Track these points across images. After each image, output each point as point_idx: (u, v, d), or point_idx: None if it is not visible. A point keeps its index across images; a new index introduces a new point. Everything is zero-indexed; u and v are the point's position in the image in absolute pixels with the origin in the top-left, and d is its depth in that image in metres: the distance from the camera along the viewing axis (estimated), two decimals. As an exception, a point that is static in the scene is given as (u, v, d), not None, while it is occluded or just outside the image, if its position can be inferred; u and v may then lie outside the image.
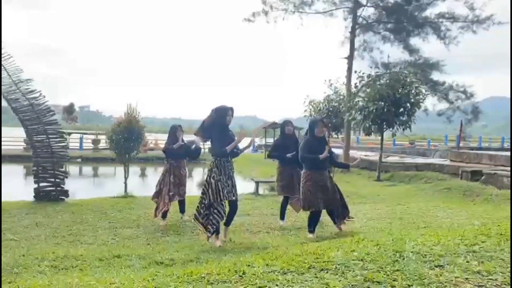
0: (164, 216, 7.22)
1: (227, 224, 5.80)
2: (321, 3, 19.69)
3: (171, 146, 7.36)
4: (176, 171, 7.40)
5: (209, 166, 5.62)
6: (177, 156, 7.38)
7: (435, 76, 19.29)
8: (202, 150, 8.12)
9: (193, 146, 7.06)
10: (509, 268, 2.59)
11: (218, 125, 5.44)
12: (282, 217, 7.18)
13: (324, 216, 6.40)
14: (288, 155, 6.78)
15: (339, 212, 6.21)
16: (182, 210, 7.61)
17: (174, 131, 7.45)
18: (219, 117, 5.44)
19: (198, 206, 5.60)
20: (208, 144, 6.45)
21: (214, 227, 5.49)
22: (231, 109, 5.51)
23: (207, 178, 5.60)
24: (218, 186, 5.41)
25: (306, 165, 5.99)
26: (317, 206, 5.90)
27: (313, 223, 6.02)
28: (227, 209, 5.67)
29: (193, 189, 12.55)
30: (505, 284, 2.41)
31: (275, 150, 7.26)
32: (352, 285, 2.36)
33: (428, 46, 19.22)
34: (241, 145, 5.77)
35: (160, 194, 7.31)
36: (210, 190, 5.45)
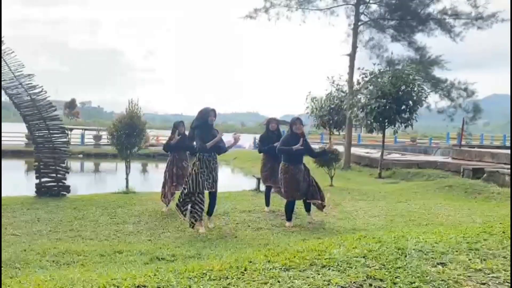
0: (167, 203, 7.86)
1: (209, 214, 6.53)
2: (323, 0, 19.60)
3: (169, 141, 8.01)
4: (179, 163, 7.97)
5: (194, 161, 6.34)
6: (179, 150, 7.94)
7: (437, 73, 19.24)
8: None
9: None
10: (510, 266, 2.58)
11: (201, 124, 6.19)
12: (267, 203, 7.95)
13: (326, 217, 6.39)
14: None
15: (311, 196, 6.77)
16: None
17: (176, 127, 7.98)
18: (202, 118, 6.21)
19: (179, 196, 6.35)
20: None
21: (197, 215, 6.17)
22: (213, 110, 6.28)
23: (190, 170, 6.38)
24: (198, 178, 6.12)
25: (283, 158, 6.69)
26: (295, 197, 6.64)
27: (289, 211, 6.73)
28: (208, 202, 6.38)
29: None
30: (507, 282, 2.40)
31: (263, 145, 7.91)
32: (354, 282, 2.36)
33: (431, 43, 19.15)
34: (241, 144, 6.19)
35: (166, 184, 7.95)
36: (190, 181, 6.16)
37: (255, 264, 2.68)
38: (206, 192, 6.31)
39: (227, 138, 7.25)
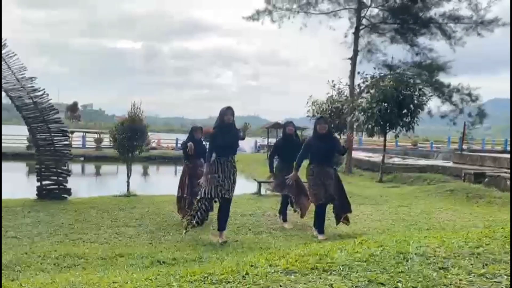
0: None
1: (220, 228, 5.94)
2: (325, 4, 19.61)
3: (183, 147, 7.33)
4: (193, 171, 7.20)
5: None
6: (193, 156, 7.20)
7: (440, 77, 19.25)
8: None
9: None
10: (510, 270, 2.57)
11: (218, 125, 5.80)
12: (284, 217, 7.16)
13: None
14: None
15: (339, 207, 6.26)
16: None
17: (193, 132, 7.39)
18: (219, 118, 5.81)
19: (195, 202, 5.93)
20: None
21: (199, 220, 5.79)
22: (230, 108, 5.81)
23: (204, 175, 5.87)
24: (210, 184, 5.69)
25: (310, 159, 6.21)
26: (320, 200, 6.03)
27: (319, 219, 6.14)
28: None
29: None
30: (509, 287, 2.39)
31: (277, 151, 7.30)
32: (356, 286, 2.35)
33: (434, 47, 19.12)
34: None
35: (181, 199, 7.27)
36: (203, 187, 5.74)
37: (257, 268, 2.68)
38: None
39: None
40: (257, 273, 2.57)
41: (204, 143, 7.47)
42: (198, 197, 5.82)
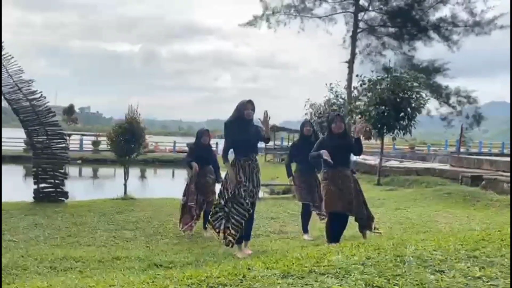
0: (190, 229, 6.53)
1: (245, 237, 5.27)
2: (322, 8, 19.70)
3: (189, 155, 6.80)
4: (201, 179, 6.60)
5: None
6: (201, 162, 6.57)
7: (437, 80, 19.34)
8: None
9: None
10: (510, 274, 2.58)
11: (237, 121, 5.06)
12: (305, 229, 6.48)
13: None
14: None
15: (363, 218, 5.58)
16: (205, 223, 6.44)
17: (200, 135, 6.70)
18: (238, 112, 5.05)
19: (212, 210, 5.25)
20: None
21: (234, 231, 4.97)
22: (250, 102, 5.08)
23: (224, 178, 5.28)
24: (234, 186, 4.99)
25: (323, 164, 5.32)
26: (337, 207, 5.19)
27: (330, 231, 5.31)
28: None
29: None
30: (506, 290, 2.40)
31: (293, 154, 6.73)
32: (353, 289, 2.35)
33: (430, 50, 19.26)
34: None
35: (185, 207, 6.59)
36: (224, 189, 5.09)
37: (254, 271, 2.67)
38: None
39: None
40: (254, 276, 2.57)
41: (213, 148, 6.97)
42: (220, 202, 5.11)
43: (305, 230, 6.46)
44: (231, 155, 5.17)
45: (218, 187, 5.81)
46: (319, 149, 5.17)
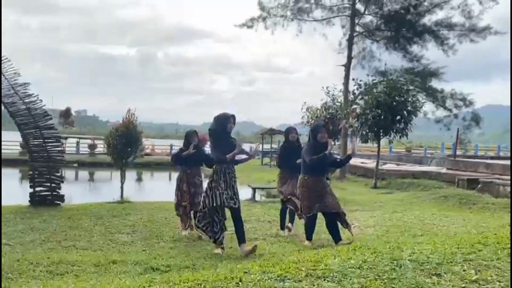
0: (186, 227, 6.71)
1: (240, 240, 5.57)
2: (319, 11, 19.75)
3: (179, 152, 6.91)
4: (190, 179, 6.82)
5: (210, 173, 5.62)
6: (190, 163, 6.80)
7: (433, 83, 19.40)
8: None
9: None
10: (507, 277, 2.59)
11: (219, 132, 5.48)
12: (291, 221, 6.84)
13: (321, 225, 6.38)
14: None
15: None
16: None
17: (189, 137, 6.87)
18: (220, 125, 5.50)
19: (197, 215, 5.70)
20: None
21: (214, 235, 5.52)
22: (233, 116, 5.55)
23: (206, 185, 5.65)
24: (214, 191, 5.45)
25: (303, 170, 5.86)
26: (314, 211, 5.80)
27: (309, 229, 5.94)
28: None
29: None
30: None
31: (283, 159, 7.01)
32: (349, 293, 2.36)
33: (427, 54, 19.31)
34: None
35: (180, 205, 6.81)
36: (206, 196, 5.53)
37: (251, 275, 2.67)
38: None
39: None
40: (250, 280, 2.57)
41: (203, 148, 7.10)
42: (203, 208, 5.53)
43: (282, 227, 6.91)
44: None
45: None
46: (314, 154, 5.66)
